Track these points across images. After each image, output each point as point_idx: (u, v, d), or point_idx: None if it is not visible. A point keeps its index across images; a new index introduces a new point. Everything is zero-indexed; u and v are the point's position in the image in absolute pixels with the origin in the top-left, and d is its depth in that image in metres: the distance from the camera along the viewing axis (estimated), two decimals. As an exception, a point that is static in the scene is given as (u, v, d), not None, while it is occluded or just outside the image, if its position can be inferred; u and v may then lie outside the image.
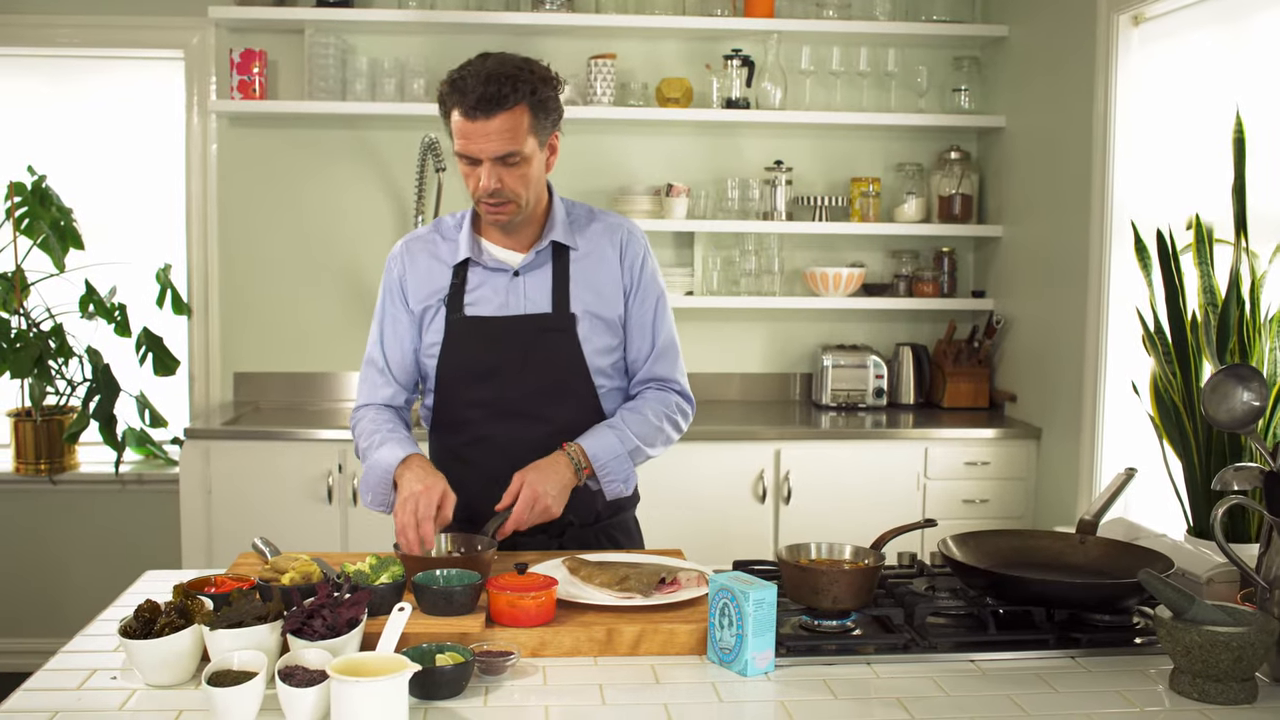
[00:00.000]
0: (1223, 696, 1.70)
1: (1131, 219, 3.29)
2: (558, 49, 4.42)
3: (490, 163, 2.23)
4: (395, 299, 2.45)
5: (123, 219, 4.58)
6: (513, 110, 2.20)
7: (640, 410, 2.41)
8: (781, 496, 4.00)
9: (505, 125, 2.20)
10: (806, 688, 1.75)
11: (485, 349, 2.36)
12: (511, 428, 2.37)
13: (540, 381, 2.37)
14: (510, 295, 2.37)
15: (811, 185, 4.60)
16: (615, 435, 2.35)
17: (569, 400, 2.39)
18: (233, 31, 4.35)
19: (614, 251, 2.43)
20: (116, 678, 1.75)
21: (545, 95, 2.27)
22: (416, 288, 2.42)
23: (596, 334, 2.39)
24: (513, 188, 2.26)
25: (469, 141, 2.22)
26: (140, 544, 4.42)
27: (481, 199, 2.28)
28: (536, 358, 2.36)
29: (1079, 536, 2.20)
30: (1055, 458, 4.01)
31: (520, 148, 2.23)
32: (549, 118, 2.30)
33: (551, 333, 2.36)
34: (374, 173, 4.48)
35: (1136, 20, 3.55)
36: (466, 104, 2.20)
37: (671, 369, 2.51)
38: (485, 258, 2.39)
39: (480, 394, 2.38)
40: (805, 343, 4.69)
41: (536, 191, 2.33)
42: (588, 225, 2.45)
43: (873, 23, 4.40)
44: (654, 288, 2.48)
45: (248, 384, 4.52)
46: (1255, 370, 1.93)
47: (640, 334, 2.46)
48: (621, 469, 2.35)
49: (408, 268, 2.44)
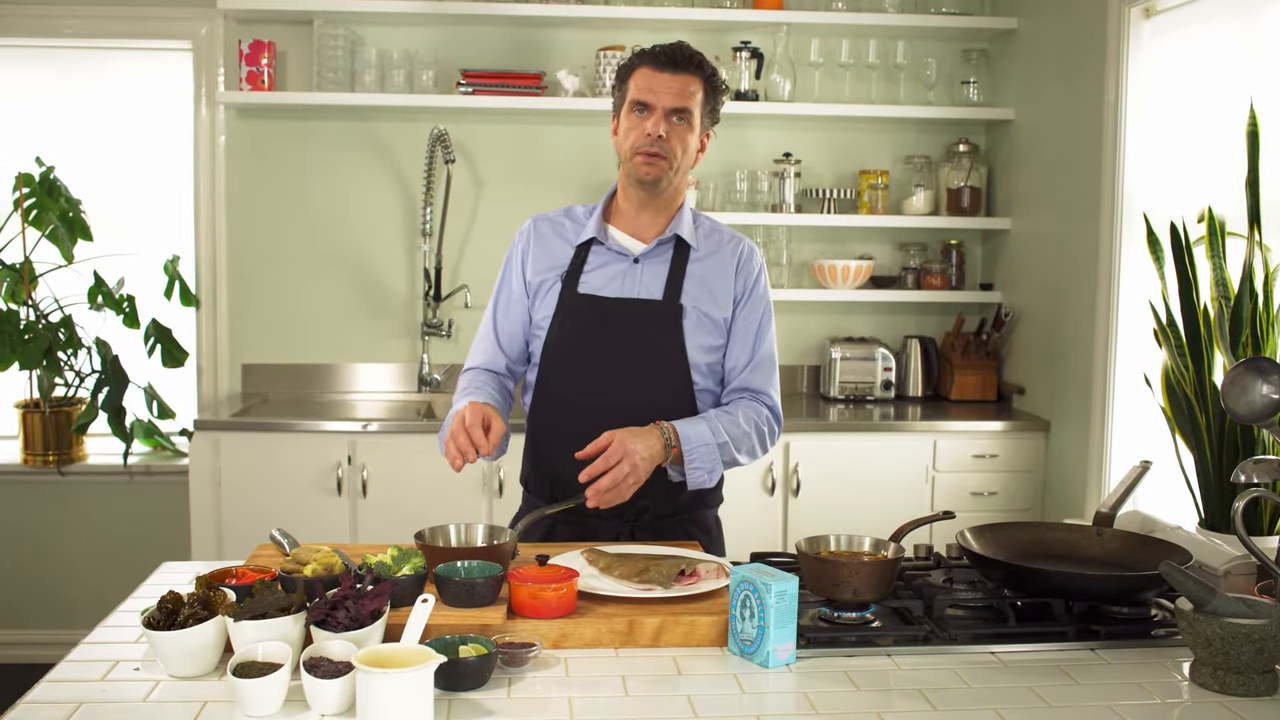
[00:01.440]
0: (1243, 688, 1.70)
1: (1144, 212, 3.30)
2: (567, 40, 4.42)
3: (663, 112, 2.37)
4: (514, 271, 2.54)
5: (131, 210, 4.58)
6: (694, 75, 2.40)
7: (733, 413, 2.43)
8: (791, 489, 4.01)
9: (686, 85, 2.38)
10: (828, 679, 1.76)
11: (593, 327, 2.43)
12: (604, 408, 2.38)
13: (640, 365, 2.42)
14: (627, 280, 2.45)
15: (820, 177, 4.61)
16: (707, 425, 2.37)
17: (664, 388, 2.42)
18: (241, 22, 4.35)
19: (732, 261, 2.51)
20: (139, 669, 1.75)
21: (717, 83, 2.46)
22: (537, 260, 2.51)
23: (702, 331, 2.45)
24: (672, 145, 2.38)
25: (650, 91, 2.38)
26: (148, 535, 4.42)
27: (641, 149, 2.39)
28: (640, 341, 2.42)
29: (1096, 529, 2.20)
30: (1064, 450, 4.01)
31: (691, 108, 2.39)
32: (714, 107, 2.46)
33: (658, 319, 2.42)
34: (382, 164, 4.48)
35: (1148, 13, 3.55)
36: (659, 60, 2.39)
37: (767, 382, 2.53)
38: (610, 241, 2.48)
39: (581, 371, 2.43)
40: (813, 335, 4.70)
41: (685, 165, 2.45)
42: (712, 233, 2.55)
43: (882, 15, 4.40)
44: (764, 302, 2.54)
45: (256, 375, 4.52)
46: (1274, 363, 1.93)
47: (742, 341, 2.50)
48: (709, 458, 2.35)
49: (532, 242, 2.54)
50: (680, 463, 2.33)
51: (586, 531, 2.41)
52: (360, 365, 4.53)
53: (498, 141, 4.51)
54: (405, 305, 4.54)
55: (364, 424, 3.88)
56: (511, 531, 2.12)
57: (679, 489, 2.42)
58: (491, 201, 4.53)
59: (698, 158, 2.48)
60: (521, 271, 2.53)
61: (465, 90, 4.27)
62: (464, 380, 2.51)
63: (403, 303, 4.54)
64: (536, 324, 2.49)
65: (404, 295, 4.53)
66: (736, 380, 2.51)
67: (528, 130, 4.49)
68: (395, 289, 4.53)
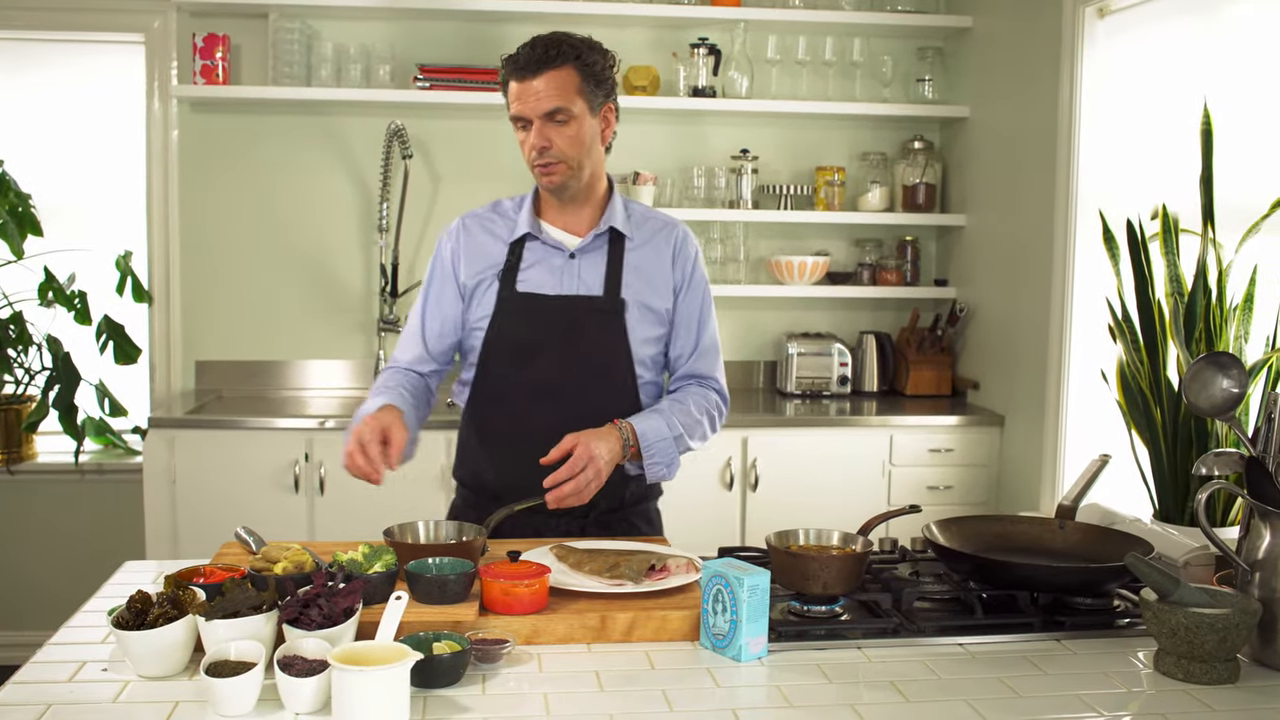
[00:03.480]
0: (1206, 676, 1.74)
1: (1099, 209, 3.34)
2: (524, 35, 4.31)
3: (539, 121, 2.31)
4: (445, 272, 2.49)
5: (82, 205, 4.51)
6: (559, 69, 2.30)
7: (684, 402, 2.45)
8: (749, 484, 4.03)
9: (552, 83, 2.29)
10: (800, 672, 1.77)
11: (534, 326, 2.40)
12: (549, 407, 2.38)
13: (584, 363, 2.40)
14: (564, 276, 2.42)
15: (777, 174, 4.63)
16: (662, 419, 2.37)
17: (609, 385, 2.42)
18: (195, 15, 4.29)
19: (668, 248, 2.49)
20: (107, 669, 1.73)
21: (592, 60, 2.35)
22: (470, 261, 2.46)
23: (644, 324, 2.44)
24: (561, 148, 2.32)
25: (520, 103, 2.32)
26: (101, 535, 4.37)
27: (534, 162, 2.35)
28: (583, 338, 2.40)
29: (1058, 521, 2.23)
30: (1018, 444, 4.06)
31: (568, 105, 2.31)
32: (599, 85, 2.36)
33: (600, 315, 2.40)
34: (339, 159, 4.45)
35: (1102, 12, 3.60)
36: (518, 64, 2.32)
37: (712, 367, 2.55)
38: (544, 235, 2.44)
39: (523, 371, 2.40)
40: (770, 331, 4.72)
41: (590, 158, 2.38)
42: (645, 221, 2.52)
43: (838, 12, 4.43)
44: (703, 287, 2.54)
45: (210, 372, 4.47)
46: (1234, 358, 1.97)
47: (686, 330, 2.51)
48: (667, 453, 2.37)
49: (462, 243, 2.49)
50: (639, 459, 2.33)
51: (539, 528, 2.40)
52: (316, 361, 4.49)
53: (455, 137, 4.49)
54: (361, 301, 4.51)
55: (320, 421, 3.85)
56: (481, 528, 2.12)
57: (626, 483, 2.43)
58: (449, 197, 4.51)
59: (607, 135, 2.42)
60: (453, 273, 2.48)
61: (422, 85, 4.25)
62: (381, 378, 2.45)
63: (359, 298, 4.50)
64: (474, 324, 2.45)
65: (360, 291, 4.50)
66: (683, 368, 2.53)
67: (485, 125, 4.47)
68: (351, 285, 4.50)
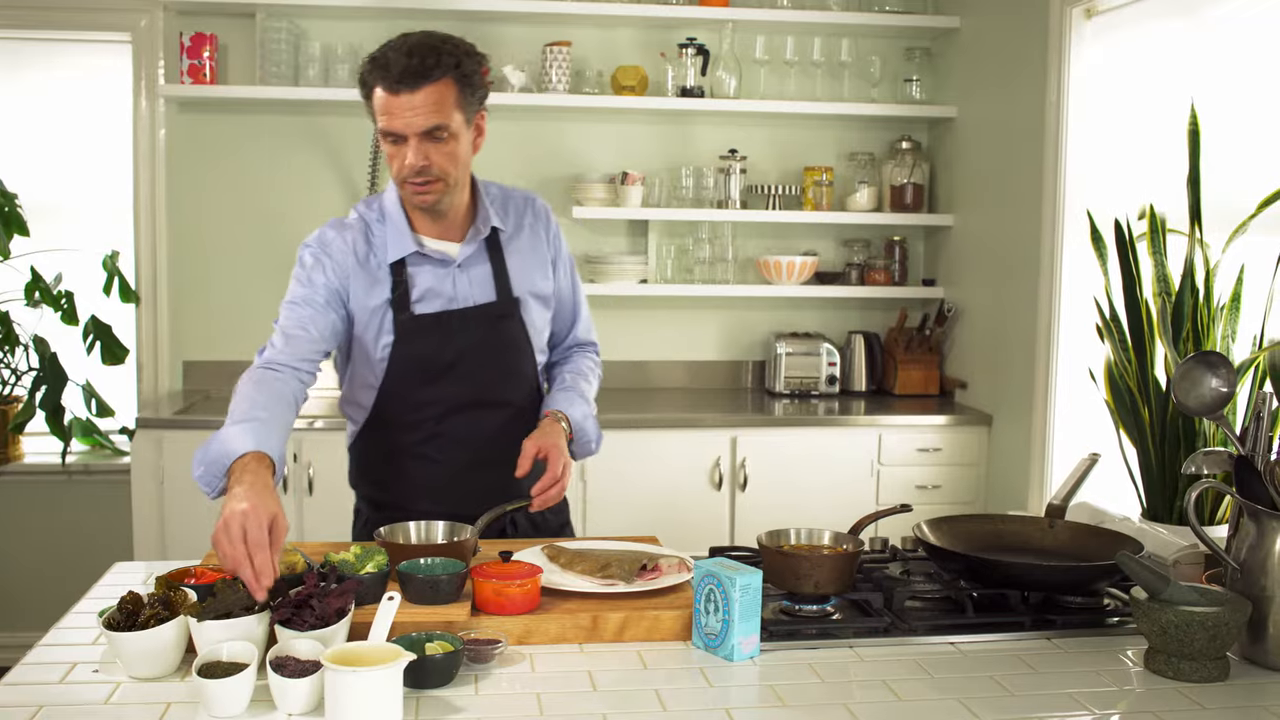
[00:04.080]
0: (1197, 674, 1.75)
1: (1087, 209, 3.35)
2: (513, 35, 4.40)
3: (417, 139, 2.17)
4: (326, 286, 2.29)
5: (69, 205, 4.49)
6: (438, 83, 2.15)
7: (583, 373, 2.52)
8: (738, 483, 4.03)
9: (431, 98, 2.15)
10: (792, 671, 1.77)
11: (440, 344, 2.34)
12: (470, 418, 2.38)
13: (496, 369, 2.39)
14: (458, 288, 2.35)
15: (765, 174, 4.63)
16: (579, 396, 2.43)
17: (521, 382, 2.44)
18: (182, 14, 4.28)
19: (538, 225, 2.48)
20: (99, 670, 1.73)
21: (470, 69, 2.22)
22: (358, 291, 2.31)
23: (536, 313, 2.45)
24: (441, 165, 2.20)
25: (394, 117, 2.16)
26: (88, 536, 4.35)
27: (407, 179, 2.21)
28: (489, 347, 2.37)
29: (1048, 520, 2.24)
30: (1006, 444, 4.08)
31: (448, 122, 2.18)
32: (475, 94, 2.24)
33: (502, 320, 2.38)
34: (326, 159, 4.44)
35: (1089, 13, 3.61)
36: (390, 78, 2.14)
37: (589, 331, 2.63)
38: (426, 250, 2.33)
39: (435, 389, 2.36)
40: (758, 330, 4.73)
41: (464, 172, 2.29)
42: (505, 202, 2.46)
43: (826, 13, 4.44)
44: (567, 255, 2.56)
45: (197, 372, 4.45)
46: (1223, 357, 1.98)
47: (565, 304, 2.55)
48: (593, 430, 2.43)
49: (353, 275, 2.31)
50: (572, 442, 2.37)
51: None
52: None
53: (443, 137, 4.47)
54: (350, 301, 4.49)
55: (310, 421, 3.84)
56: (473, 528, 2.12)
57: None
58: (437, 197, 4.49)
59: (479, 144, 2.30)
60: (340, 295, 2.30)
61: (411, 85, 4.23)
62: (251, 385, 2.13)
63: (347, 299, 4.49)
64: (371, 348, 2.33)
65: (348, 291, 4.49)
66: (569, 339, 2.59)
67: (473, 125, 4.46)
68: (340, 285, 4.48)
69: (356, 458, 2.54)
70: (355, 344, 2.37)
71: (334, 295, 2.30)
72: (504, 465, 2.26)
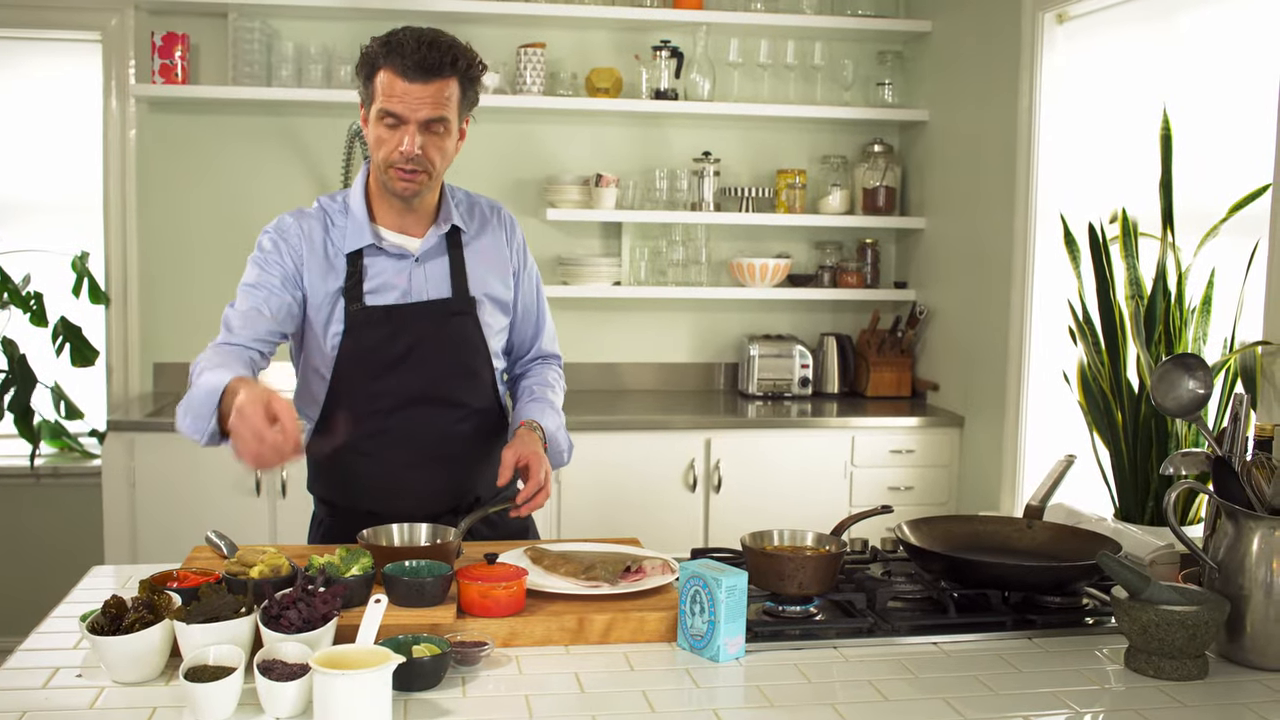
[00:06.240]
0: (1177, 673, 1.77)
1: (1060, 213, 3.39)
2: (487, 37, 4.39)
3: (416, 126, 2.21)
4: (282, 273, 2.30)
5: (38, 206, 4.44)
6: (448, 79, 2.22)
7: (550, 383, 2.53)
8: (712, 485, 4.04)
9: (440, 92, 2.21)
10: (779, 672, 1.78)
11: (391, 337, 2.33)
12: (418, 415, 2.37)
13: (447, 367, 2.38)
14: (413, 282, 2.36)
15: (738, 176, 4.65)
16: (551, 408, 2.44)
17: (474, 384, 2.42)
18: (153, 14, 4.25)
19: (502, 232, 2.49)
20: (81, 675, 1.72)
21: (474, 75, 2.29)
22: (313, 280, 2.32)
23: (494, 316, 2.44)
24: (431, 157, 2.24)
25: (398, 100, 2.19)
26: (59, 539, 4.31)
27: (396, 164, 2.24)
28: (443, 343, 2.36)
29: (1026, 521, 2.26)
30: (977, 445, 4.11)
31: (448, 116, 2.24)
32: (468, 100, 2.30)
33: (455, 317, 2.38)
34: (299, 160, 4.41)
35: (1061, 18, 3.65)
36: (406, 64, 2.18)
37: (553, 343, 2.64)
38: (384, 242, 2.34)
39: (385, 383, 2.35)
40: (731, 333, 4.74)
41: (445, 169, 2.32)
42: (471, 206, 2.48)
43: (799, 16, 4.46)
44: (533, 266, 2.57)
45: (168, 374, 4.42)
46: (1200, 359, 2.00)
47: (529, 315, 2.55)
48: (565, 440, 2.46)
49: (308, 259, 2.32)
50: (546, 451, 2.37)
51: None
52: (275, 363, 4.44)
53: (416, 138, 4.46)
54: (322, 303, 4.47)
55: (283, 423, 3.81)
56: (456, 530, 2.12)
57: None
58: (410, 198, 4.48)
59: (459, 147, 2.34)
60: (295, 278, 2.31)
61: (384, 86, 4.22)
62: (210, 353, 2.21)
63: (320, 300, 4.47)
64: (321, 337, 2.34)
65: (321, 293, 4.47)
66: (533, 350, 2.59)
67: (447, 127, 4.45)
68: (312, 286, 4.46)
69: (311, 458, 2.50)
70: (308, 331, 2.36)
71: (289, 278, 2.31)
72: (455, 465, 2.28)
